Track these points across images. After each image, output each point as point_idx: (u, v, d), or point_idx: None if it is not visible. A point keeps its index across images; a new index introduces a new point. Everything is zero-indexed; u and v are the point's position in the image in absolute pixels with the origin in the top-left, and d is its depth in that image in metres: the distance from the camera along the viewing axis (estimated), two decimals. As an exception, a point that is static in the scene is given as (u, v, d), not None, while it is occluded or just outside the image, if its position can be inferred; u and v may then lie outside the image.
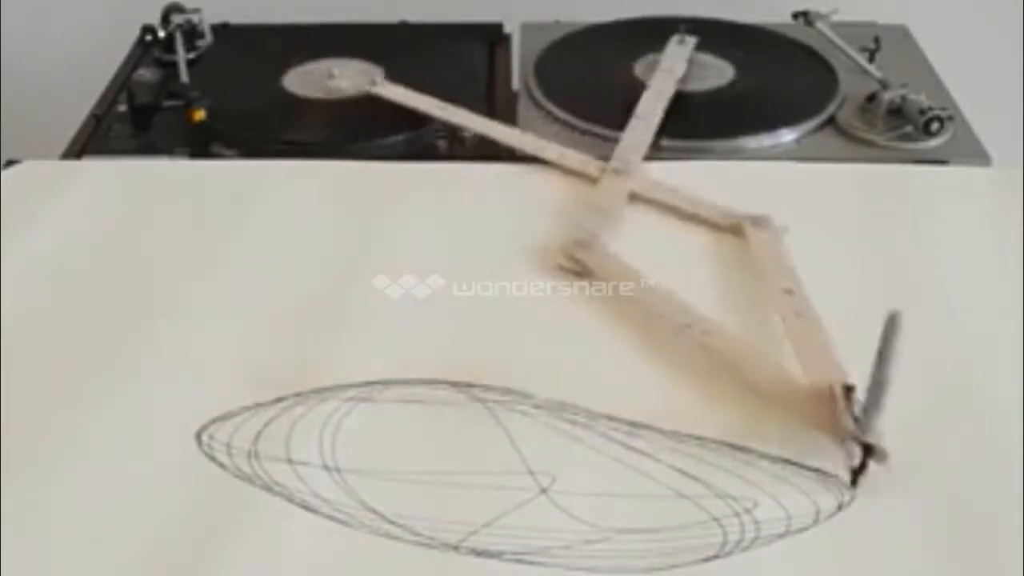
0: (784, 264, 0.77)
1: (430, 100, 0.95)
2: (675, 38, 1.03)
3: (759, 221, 0.81)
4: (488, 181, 0.88)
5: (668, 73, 0.98)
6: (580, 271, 0.77)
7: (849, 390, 0.64)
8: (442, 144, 0.94)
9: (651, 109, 0.93)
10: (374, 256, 0.79)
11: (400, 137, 0.94)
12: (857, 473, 0.61)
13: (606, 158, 0.89)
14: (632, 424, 0.65)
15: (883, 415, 0.62)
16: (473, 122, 0.93)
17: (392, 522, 0.60)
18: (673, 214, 0.84)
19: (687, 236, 0.82)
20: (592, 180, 0.87)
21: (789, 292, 0.74)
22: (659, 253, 0.79)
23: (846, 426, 0.62)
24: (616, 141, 0.92)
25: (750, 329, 0.72)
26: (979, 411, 0.67)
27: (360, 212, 0.84)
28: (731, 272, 0.78)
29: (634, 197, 0.85)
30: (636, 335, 0.72)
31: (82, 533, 0.60)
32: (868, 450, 0.61)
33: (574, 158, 0.89)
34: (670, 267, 0.77)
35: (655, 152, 0.91)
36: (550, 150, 0.90)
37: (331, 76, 1.01)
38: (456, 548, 0.59)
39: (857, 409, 0.63)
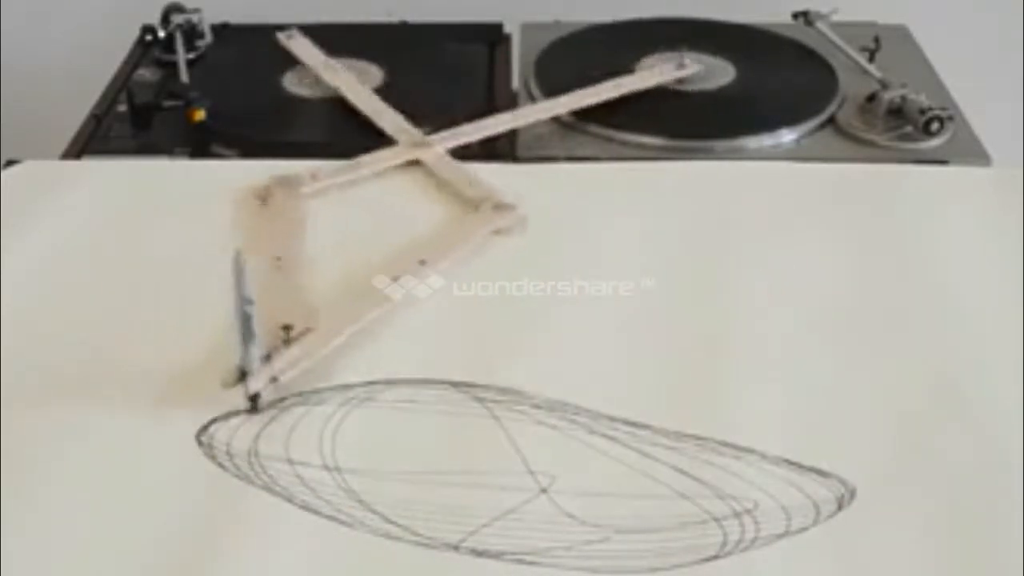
0: (467, 238, 0.80)
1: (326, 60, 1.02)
2: (680, 57, 1.01)
3: (502, 208, 0.82)
4: (489, 180, 0.88)
5: (622, 84, 0.97)
6: (262, 199, 0.84)
7: (286, 328, 0.70)
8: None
9: (549, 107, 0.95)
10: (374, 256, 0.79)
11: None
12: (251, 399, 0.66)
13: (609, 158, 0.89)
14: (632, 424, 0.65)
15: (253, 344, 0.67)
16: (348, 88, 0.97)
17: (392, 522, 0.60)
18: (448, 190, 0.86)
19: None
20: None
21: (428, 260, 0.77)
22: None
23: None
24: (616, 141, 0.92)
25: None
26: (979, 411, 0.67)
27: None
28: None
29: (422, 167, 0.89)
30: (635, 335, 0.72)
31: (82, 534, 0.60)
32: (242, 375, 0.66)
33: (397, 125, 0.92)
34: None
35: (656, 152, 0.91)
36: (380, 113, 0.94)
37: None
38: (456, 548, 0.59)
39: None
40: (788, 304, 0.75)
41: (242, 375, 0.66)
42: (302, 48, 1.04)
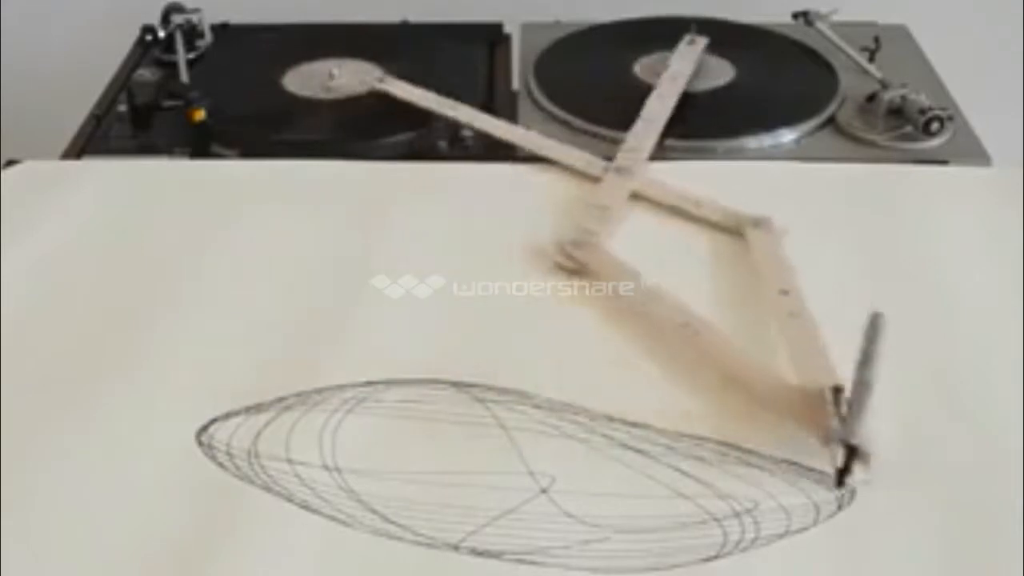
0: (782, 265, 0.77)
1: (437, 98, 0.95)
2: (685, 38, 1.03)
3: (760, 222, 0.81)
4: (490, 181, 0.88)
5: (675, 75, 0.98)
6: (578, 269, 0.77)
7: (837, 391, 0.64)
8: (443, 144, 0.94)
9: (657, 111, 0.93)
10: (374, 256, 0.79)
11: (401, 137, 0.94)
12: (842, 474, 0.61)
13: (607, 158, 0.89)
14: (632, 424, 0.65)
15: (868, 416, 0.61)
16: (480, 120, 0.93)
17: (392, 522, 0.60)
18: (676, 214, 0.84)
19: (688, 236, 0.82)
20: (595, 180, 0.87)
21: (785, 293, 0.74)
22: (659, 252, 0.79)
23: (831, 427, 0.62)
24: (616, 141, 0.92)
25: (745, 330, 0.72)
26: (979, 411, 0.67)
27: (360, 212, 0.84)
28: (730, 273, 0.78)
29: (637, 197, 0.85)
30: (636, 335, 0.72)
31: (82, 533, 0.60)
32: (852, 452, 0.61)
33: (578, 157, 0.89)
34: (670, 266, 0.77)
35: (657, 152, 0.91)
36: (554, 149, 0.90)
37: (331, 76, 1.01)
38: (456, 548, 0.59)
39: (844, 410, 0.62)
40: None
41: (849, 451, 0.61)
42: (407, 93, 0.98)
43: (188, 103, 0.93)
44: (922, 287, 0.76)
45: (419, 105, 0.95)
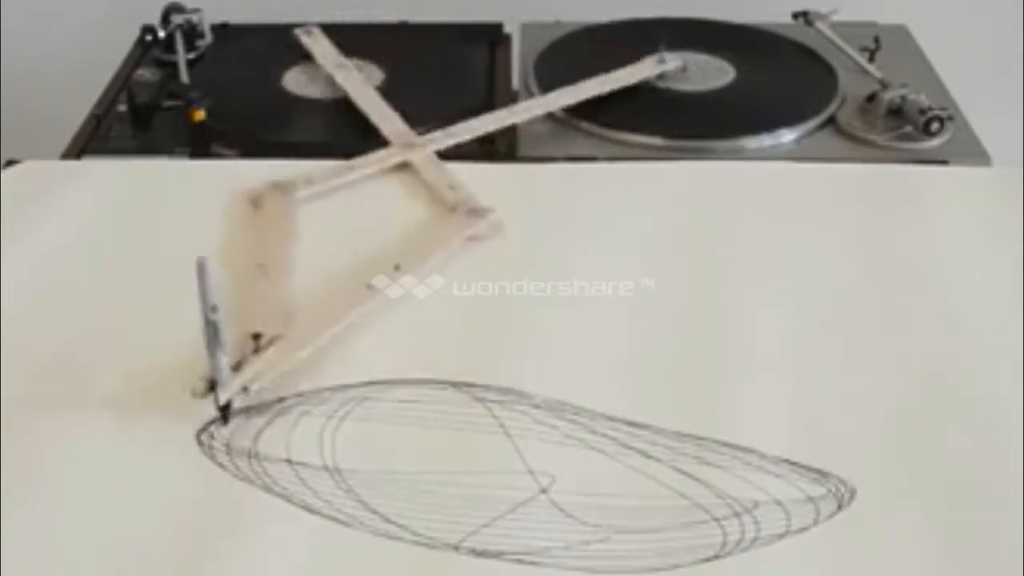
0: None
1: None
2: (656, 56, 1.01)
3: (477, 212, 0.82)
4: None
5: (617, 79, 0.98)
6: (255, 203, 0.83)
7: (257, 337, 0.68)
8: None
9: (539, 104, 0.95)
10: (374, 256, 0.79)
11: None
12: (224, 410, 0.65)
13: (608, 158, 0.89)
14: (632, 424, 0.65)
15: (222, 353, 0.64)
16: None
17: (392, 522, 0.60)
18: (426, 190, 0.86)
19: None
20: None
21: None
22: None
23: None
24: (616, 141, 0.92)
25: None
26: (978, 411, 0.67)
27: (361, 212, 0.84)
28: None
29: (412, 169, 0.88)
30: (635, 335, 0.72)
31: (82, 533, 0.60)
32: (212, 385, 0.65)
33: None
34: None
35: (656, 152, 0.91)
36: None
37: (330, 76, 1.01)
38: (456, 548, 0.59)
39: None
40: (788, 304, 0.75)
41: (212, 385, 0.65)
42: (318, 46, 1.04)
43: (188, 103, 0.93)
44: (922, 287, 0.76)
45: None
